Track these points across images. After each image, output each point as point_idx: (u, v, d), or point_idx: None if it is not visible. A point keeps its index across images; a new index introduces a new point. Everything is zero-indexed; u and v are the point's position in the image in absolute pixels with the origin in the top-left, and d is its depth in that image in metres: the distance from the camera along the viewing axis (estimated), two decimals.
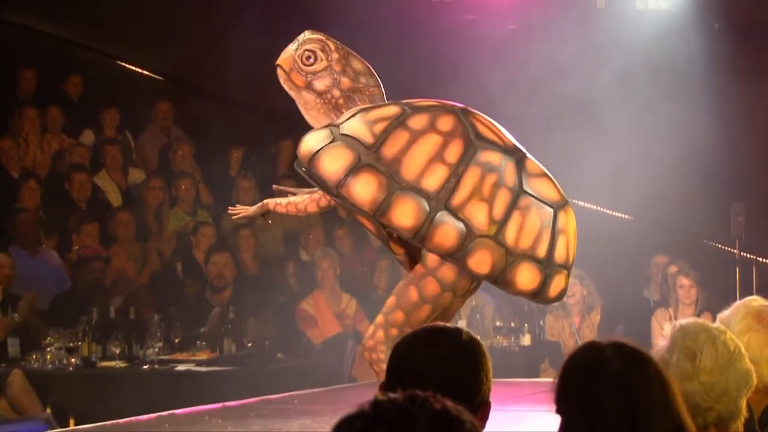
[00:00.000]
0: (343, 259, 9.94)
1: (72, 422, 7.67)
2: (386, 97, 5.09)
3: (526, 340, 9.57)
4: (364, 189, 4.75)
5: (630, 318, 9.63)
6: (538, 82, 10.29)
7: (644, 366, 2.75)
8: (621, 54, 10.58)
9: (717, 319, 3.92)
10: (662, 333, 3.40)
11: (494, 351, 8.76)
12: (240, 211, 5.54)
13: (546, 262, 4.81)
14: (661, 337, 3.38)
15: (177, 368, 8.25)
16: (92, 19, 11.37)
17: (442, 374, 2.82)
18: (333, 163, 4.79)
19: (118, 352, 8.35)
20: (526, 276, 4.80)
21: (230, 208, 5.67)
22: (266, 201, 5.37)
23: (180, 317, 8.93)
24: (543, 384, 7.28)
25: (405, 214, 4.73)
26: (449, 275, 4.81)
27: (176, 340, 8.62)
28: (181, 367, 8.26)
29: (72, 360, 8.18)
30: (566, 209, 4.91)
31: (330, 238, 10.34)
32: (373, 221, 4.85)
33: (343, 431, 1.98)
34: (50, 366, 8.12)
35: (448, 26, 11.18)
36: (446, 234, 4.73)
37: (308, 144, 4.91)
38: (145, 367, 8.23)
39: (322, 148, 4.83)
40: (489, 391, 2.89)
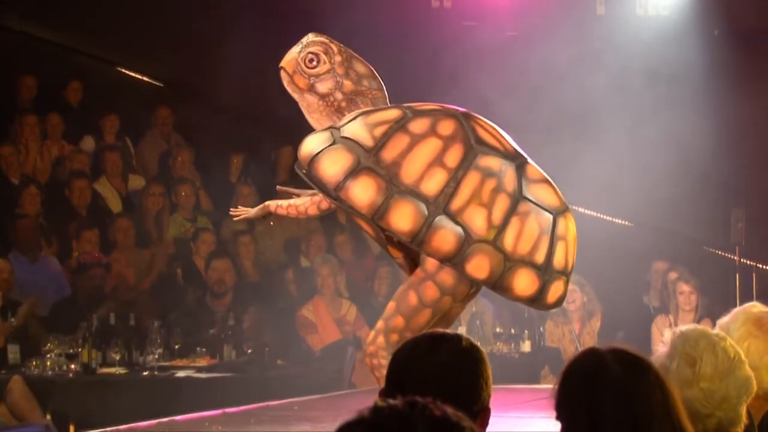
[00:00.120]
0: (344, 265, 9.94)
1: (72, 429, 7.68)
2: (388, 101, 5.09)
3: (526, 347, 9.56)
4: (363, 192, 4.75)
5: (630, 324, 9.62)
6: (538, 89, 10.28)
7: (644, 373, 2.75)
8: (621, 60, 10.57)
9: (717, 326, 3.91)
10: (662, 339, 3.40)
11: (494, 357, 8.76)
12: (241, 213, 5.56)
13: (544, 268, 4.81)
14: (661, 344, 3.37)
15: (177, 374, 8.24)
16: (92, 26, 11.37)
17: (443, 381, 2.82)
18: (332, 166, 4.80)
19: (118, 359, 8.35)
20: (524, 282, 4.80)
21: (232, 210, 5.69)
22: (267, 203, 5.39)
23: (180, 323, 8.93)
24: (543, 390, 7.31)
25: (403, 218, 4.73)
26: (448, 280, 4.81)
27: (176, 347, 8.62)
28: (181, 374, 8.26)
29: (72, 366, 8.17)
30: (566, 215, 4.90)
31: (330, 245, 10.34)
32: (372, 224, 4.85)
33: None
34: (50, 372, 8.12)
35: (448, 32, 11.16)
36: (444, 238, 4.73)
37: (308, 146, 4.91)
38: (145, 374, 8.22)
39: (322, 151, 4.84)
40: (489, 398, 2.88)
